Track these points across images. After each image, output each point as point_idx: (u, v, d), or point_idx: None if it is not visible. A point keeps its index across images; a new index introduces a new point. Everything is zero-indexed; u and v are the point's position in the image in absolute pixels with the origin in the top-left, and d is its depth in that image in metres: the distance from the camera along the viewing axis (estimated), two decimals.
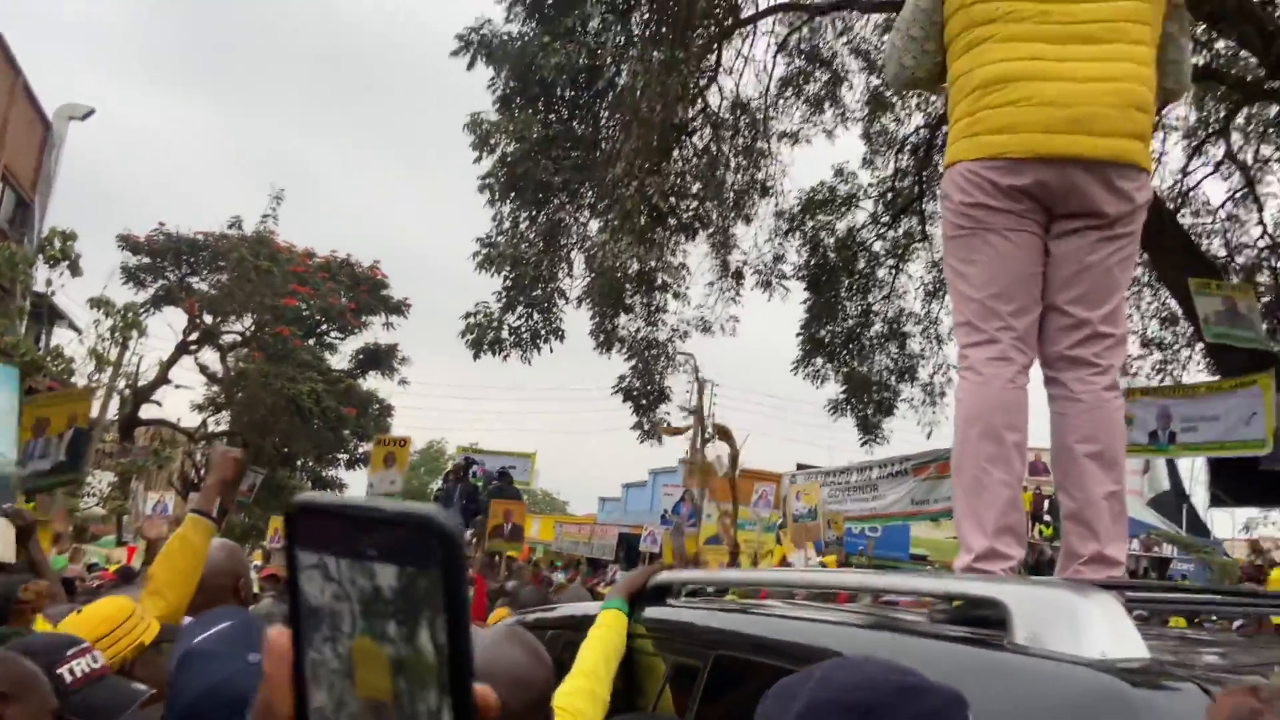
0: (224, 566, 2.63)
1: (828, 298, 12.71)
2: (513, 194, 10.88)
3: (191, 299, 22.84)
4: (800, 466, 16.57)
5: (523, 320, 11.20)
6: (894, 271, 12.92)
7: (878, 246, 12.93)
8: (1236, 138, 11.18)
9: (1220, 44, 9.74)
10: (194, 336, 22.93)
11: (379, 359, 25.69)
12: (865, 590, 2.18)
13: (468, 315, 11.13)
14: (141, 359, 19.64)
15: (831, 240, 12.79)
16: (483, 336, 11.04)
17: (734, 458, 13.76)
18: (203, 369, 23.86)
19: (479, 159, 10.94)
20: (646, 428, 13.15)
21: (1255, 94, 9.70)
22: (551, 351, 11.36)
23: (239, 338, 23.94)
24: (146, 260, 23.20)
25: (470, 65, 10.64)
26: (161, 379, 21.64)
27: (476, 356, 11.20)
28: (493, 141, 10.80)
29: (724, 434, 14.76)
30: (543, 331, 11.27)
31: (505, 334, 11.07)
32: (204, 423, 24.02)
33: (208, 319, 23.12)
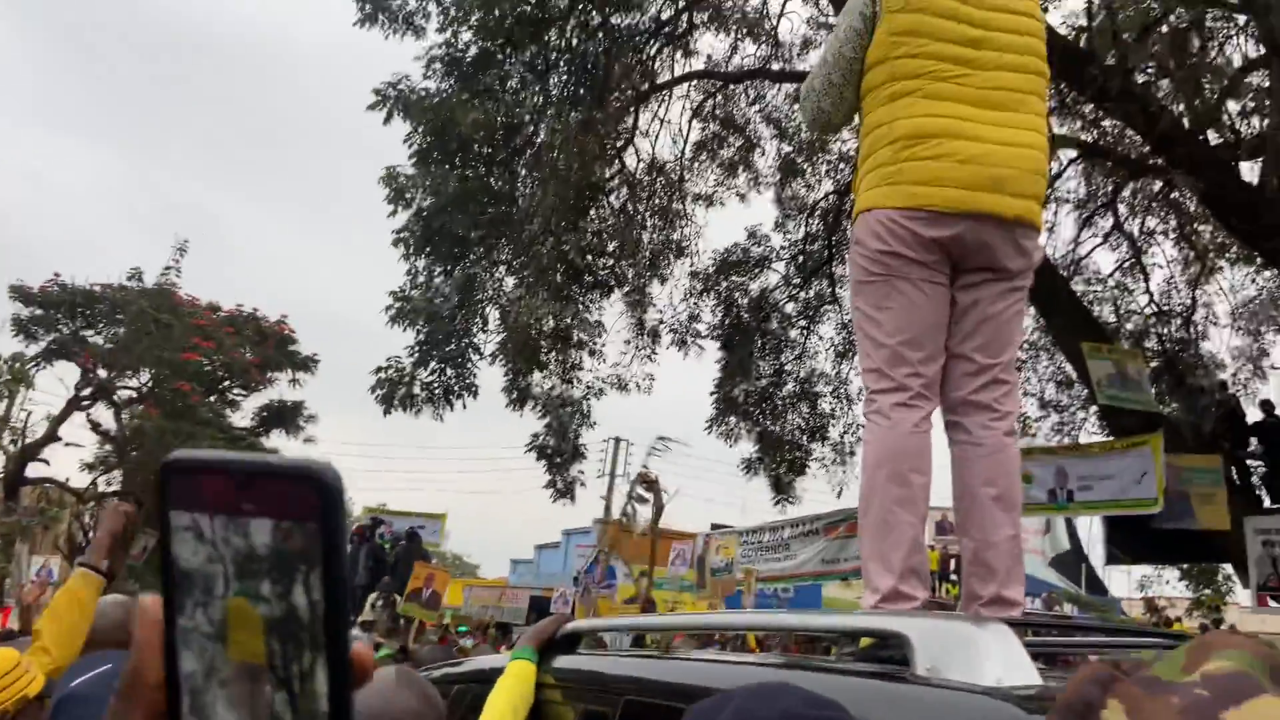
0: (115, 619, 2.47)
1: (741, 357, 12.88)
2: (428, 248, 10.82)
3: (86, 352, 21.90)
4: (715, 526, 16.57)
5: (435, 375, 11.05)
6: (805, 332, 13.20)
7: (790, 308, 13.21)
8: (1124, 210, 11.83)
9: (1107, 122, 10.35)
10: (87, 391, 21.93)
11: (284, 416, 24.91)
12: (773, 629, 2.17)
13: (379, 370, 10.95)
14: (30, 414, 18.67)
15: (745, 301, 13.01)
16: (394, 392, 10.85)
17: (658, 510, 13.70)
18: (95, 426, 22.75)
19: (394, 213, 10.90)
20: (559, 486, 13.04)
21: (1140, 169, 10.31)
22: (465, 407, 11.22)
23: (135, 393, 22.98)
24: (39, 312, 22.20)
25: (387, 120, 10.62)
26: (51, 436, 20.59)
27: (387, 412, 11.00)
28: (409, 195, 10.78)
29: (649, 484, 14.69)
30: (456, 387, 11.14)
31: (417, 389, 10.91)
32: (94, 482, 22.85)
33: (102, 373, 22.16)
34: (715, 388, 13.09)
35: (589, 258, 11.35)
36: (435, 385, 10.99)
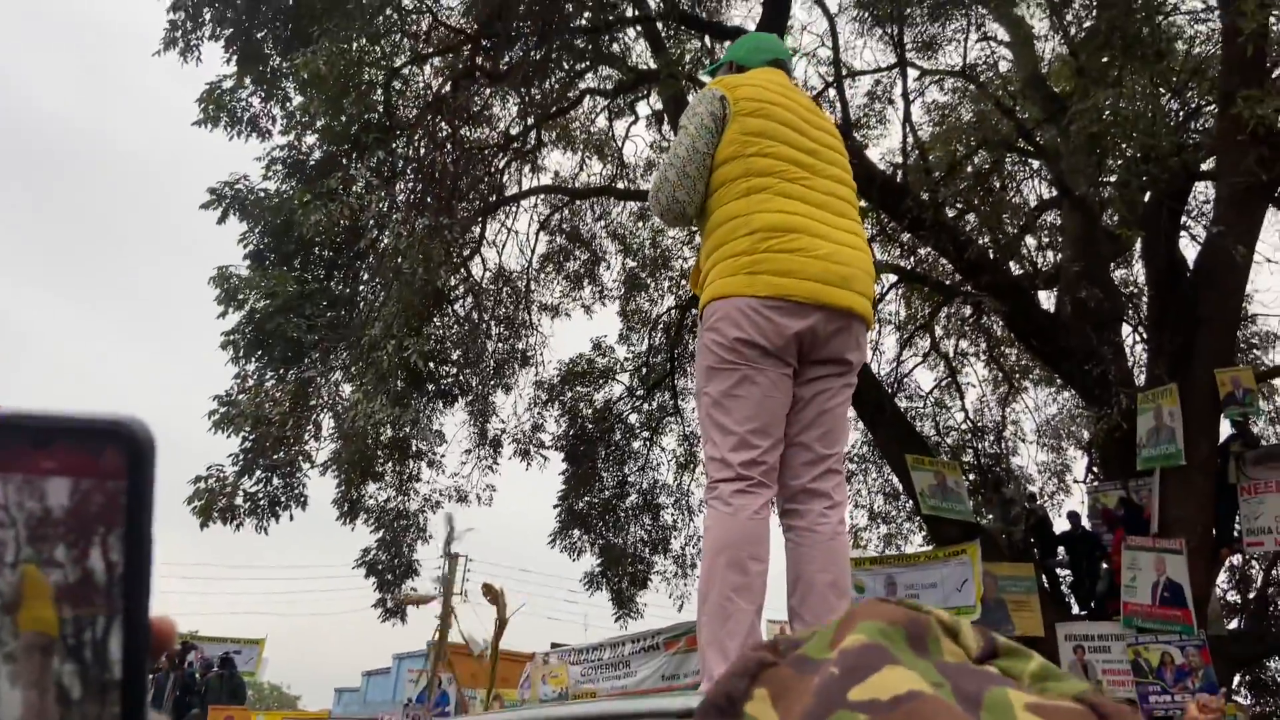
0: None
1: (585, 469, 12.85)
2: (259, 351, 10.38)
3: None
4: (554, 645, 16.12)
5: (261, 485, 10.44)
6: (648, 444, 13.32)
7: (633, 419, 13.34)
8: (940, 332, 12.73)
9: (923, 250, 11.22)
10: None
11: None
12: (606, 716, 2.09)
13: (197, 480, 10.23)
14: None
15: (589, 411, 13.07)
16: (213, 503, 10.13)
17: (501, 624, 13.20)
18: None
19: (224, 314, 10.43)
20: (390, 605, 12.43)
21: (953, 294, 11.16)
22: (291, 519, 10.60)
23: None
24: None
25: (222, 219, 10.30)
26: None
27: (204, 526, 10.22)
28: (241, 297, 10.37)
29: (493, 596, 14.18)
30: (283, 498, 10.54)
31: (240, 500, 10.25)
32: None
33: None
34: (559, 499, 12.96)
35: (432, 365, 11.17)
36: (260, 495, 10.36)
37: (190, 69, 10.71)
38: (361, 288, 10.69)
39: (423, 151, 10.04)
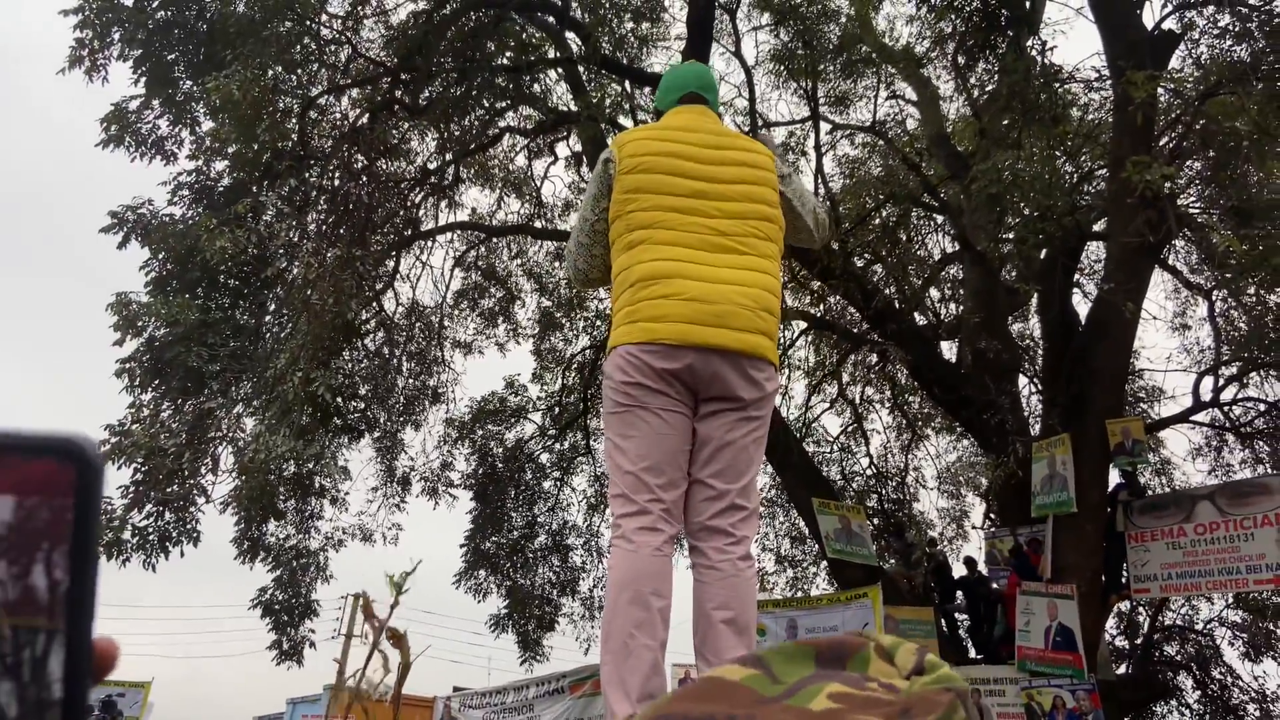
0: None
1: (494, 508, 12.67)
2: (157, 380, 9.98)
3: None
4: (456, 689, 15.73)
5: (151, 519, 9.97)
6: (559, 484, 13.23)
7: (544, 458, 13.24)
8: (847, 379, 13.01)
9: (832, 298, 11.49)
10: None
11: None
12: None
13: None
14: None
15: (500, 450, 12.92)
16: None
17: (404, 668, 12.84)
18: None
19: (121, 341, 10.02)
20: (285, 648, 11.97)
21: (860, 342, 11.44)
22: (182, 555, 10.14)
23: None
24: None
25: (123, 244, 9.93)
26: None
27: None
28: (140, 324, 9.98)
29: (397, 640, 13.80)
30: (174, 533, 10.08)
31: (128, 534, 9.77)
32: None
33: None
34: (466, 539, 12.73)
35: (339, 399, 10.90)
36: (150, 530, 9.90)
37: (96, 88, 10.36)
38: (268, 318, 10.41)
39: (337, 182, 9.89)
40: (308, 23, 9.46)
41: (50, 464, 0.41)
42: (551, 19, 10.59)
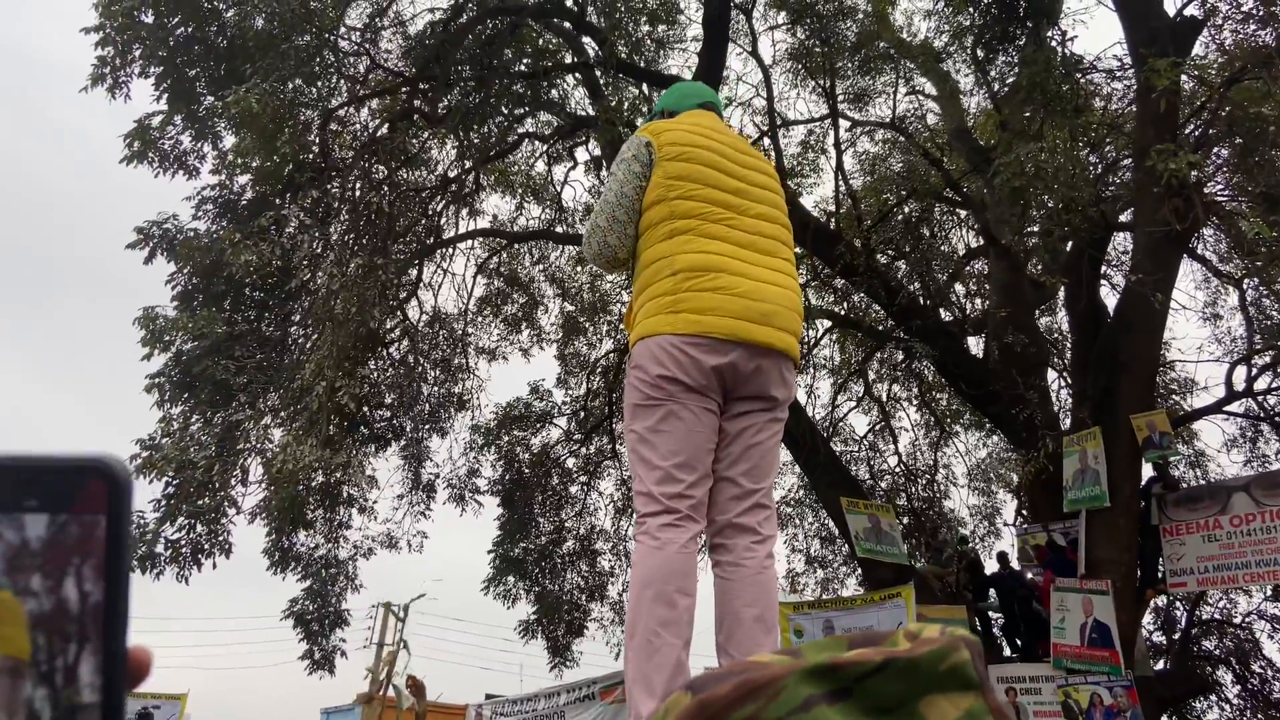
0: None
1: (521, 514, 12.68)
2: (186, 394, 10.08)
3: None
4: (489, 696, 15.78)
5: (183, 532, 10.07)
6: (585, 489, 13.22)
7: (570, 463, 13.24)
8: (873, 377, 12.92)
9: (856, 296, 11.42)
10: None
11: None
12: None
13: None
14: None
15: (526, 456, 12.94)
16: (132, 551, 9.76)
17: (422, 714, 12.98)
18: None
19: (149, 356, 10.13)
20: (317, 657, 12.05)
21: (885, 340, 11.36)
22: (215, 568, 10.24)
23: None
24: None
25: (149, 260, 10.04)
26: None
27: None
28: (168, 338, 10.09)
29: (414, 687, 13.95)
30: (206, 545, 10.18)
31: (161, 547, 9.87)
32: None
33: None
34: (494, 545, 12.75)
35: (365, 409, 10.96)
36: (182, 542, 10.00)
37: (119, 105, 10.49)
38: (293, 329, 10.48)
39: (358, 192, 9.95)
40: (326, 35, 9.53)
41: (82, 482, 0.43)
42: (568, 24, 10.61)
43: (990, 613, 11.03)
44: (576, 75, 11.04)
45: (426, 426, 12.13)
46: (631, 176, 2.60)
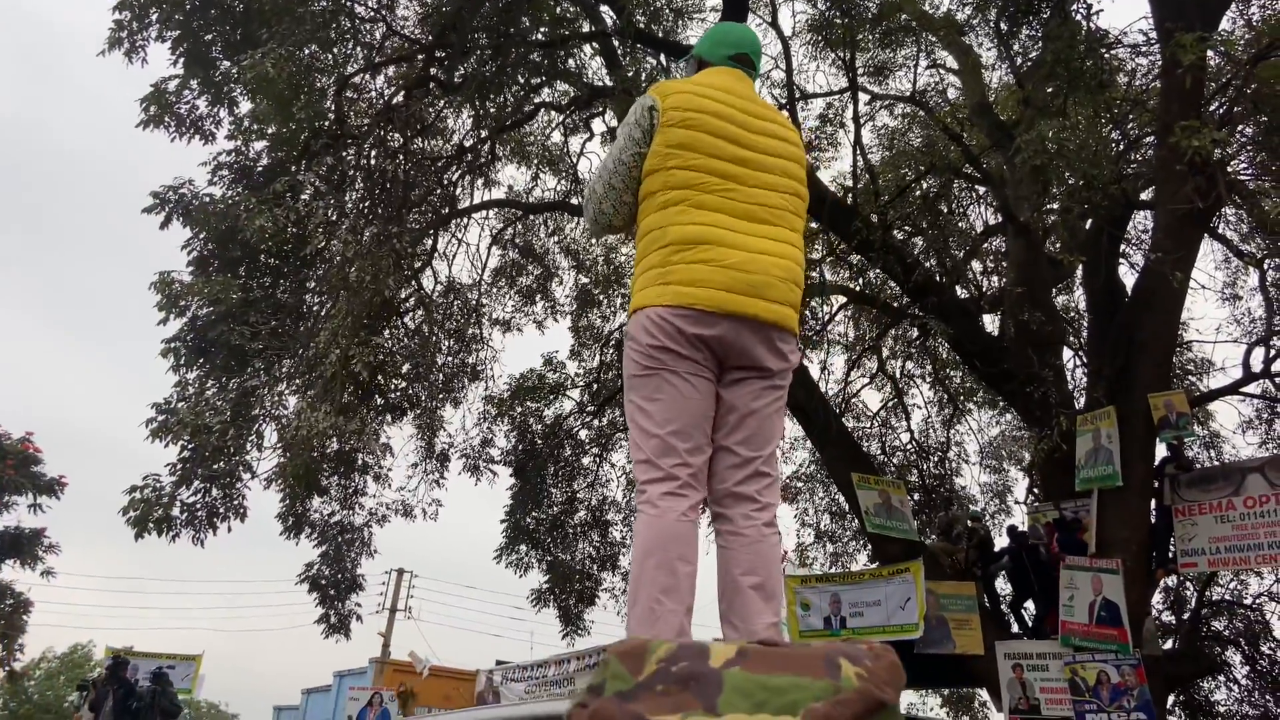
0: None
1: (534, 484, 12.75)
2: (201, 359, 10.13)
3: None
4: (499, 662, 15.94)
5: (199, 496, 10.16)
6: (598, 460, 13.27)
7: (583, 435, 13.28)
8: (887, 354, 12.87)
9: (871, 272, 11.35)
10: None
11: (20, 545, 22.09)
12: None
13: (133, 490, 9.93)
14: None
15: (539, 427, 12.98)
16: (149, 513, 9.81)
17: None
18: None
19: (165, 321, 10.18)
20: (333, 621, 12.19)
21: (900, 316, 11.30)
22: (230, 531, 10.34)
23: None
24: None
25: (165, 224, 10.06)
26: None
27: (139, 537, 9.89)
28: (183, 303, 10.13)
29: (404, 698, 14.19)
30: (221, 509, 10.27)
31: (177, 511, 9.96)
32: None
33: None
34: (506, 515, 12.84)
35: (380, 378, 11.01)
36: (198, 506, 10.09)
37: (136, 70, 10.48)
38: (308, 296, 10.51)
39: (374, 160, 9.94)
40: (342, 1, 9.48)
41: None
42: None
43: (997, 584, 11.04)
44: (594, 44, 10.95)
45: (441, 396, 12.18)
46: (630, 143, 2.57)
